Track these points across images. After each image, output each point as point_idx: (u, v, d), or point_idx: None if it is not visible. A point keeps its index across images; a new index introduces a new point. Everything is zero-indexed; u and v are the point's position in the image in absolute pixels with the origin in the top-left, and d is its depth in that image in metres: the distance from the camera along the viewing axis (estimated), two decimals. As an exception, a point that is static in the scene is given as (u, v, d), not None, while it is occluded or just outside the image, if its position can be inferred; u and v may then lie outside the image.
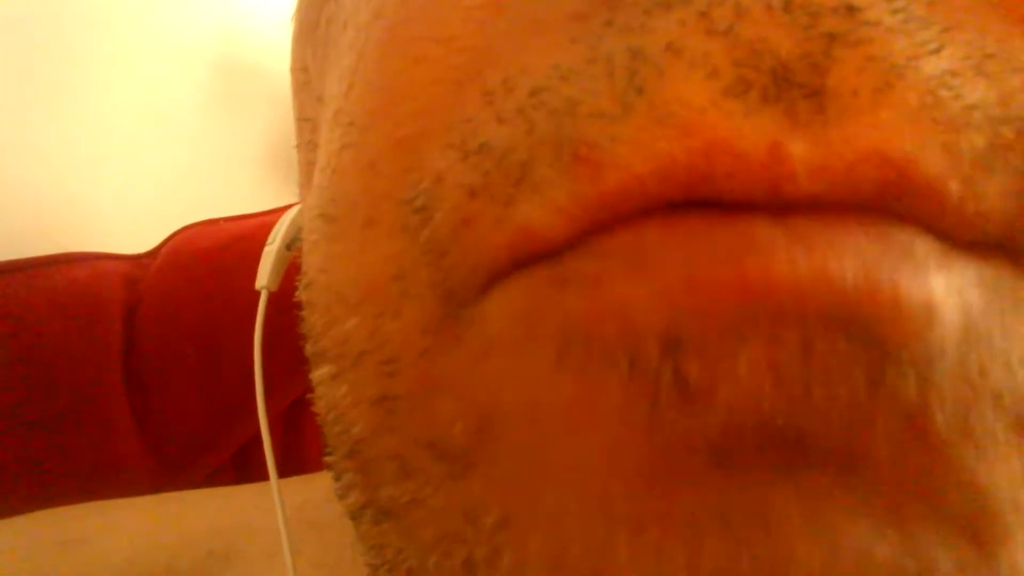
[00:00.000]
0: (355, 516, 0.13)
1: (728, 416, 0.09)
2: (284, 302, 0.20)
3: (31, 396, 0.33)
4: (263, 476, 0.23)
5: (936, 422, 0.09)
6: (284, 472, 0.26)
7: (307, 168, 0.15)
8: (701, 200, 0.09)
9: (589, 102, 0.09)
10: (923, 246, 0.09)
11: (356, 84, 0.12)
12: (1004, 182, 0.09)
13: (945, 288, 0.09)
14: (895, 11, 0.09)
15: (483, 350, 0.10)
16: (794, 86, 0.09)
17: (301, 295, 0.14)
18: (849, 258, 0.09)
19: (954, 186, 0.09)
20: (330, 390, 0.12)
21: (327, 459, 0.13)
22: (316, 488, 0.26)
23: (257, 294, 0.24)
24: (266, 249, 0.23)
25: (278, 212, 0.39)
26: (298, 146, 0.17)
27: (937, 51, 0.09)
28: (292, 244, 0.23)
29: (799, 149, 0.09)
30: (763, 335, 0.09)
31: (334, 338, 0.12)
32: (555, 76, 0.10)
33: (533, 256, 0.10)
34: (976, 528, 0.09)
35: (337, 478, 0.13)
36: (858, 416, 0.09)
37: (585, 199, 0.09)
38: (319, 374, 0.13)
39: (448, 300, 0.10)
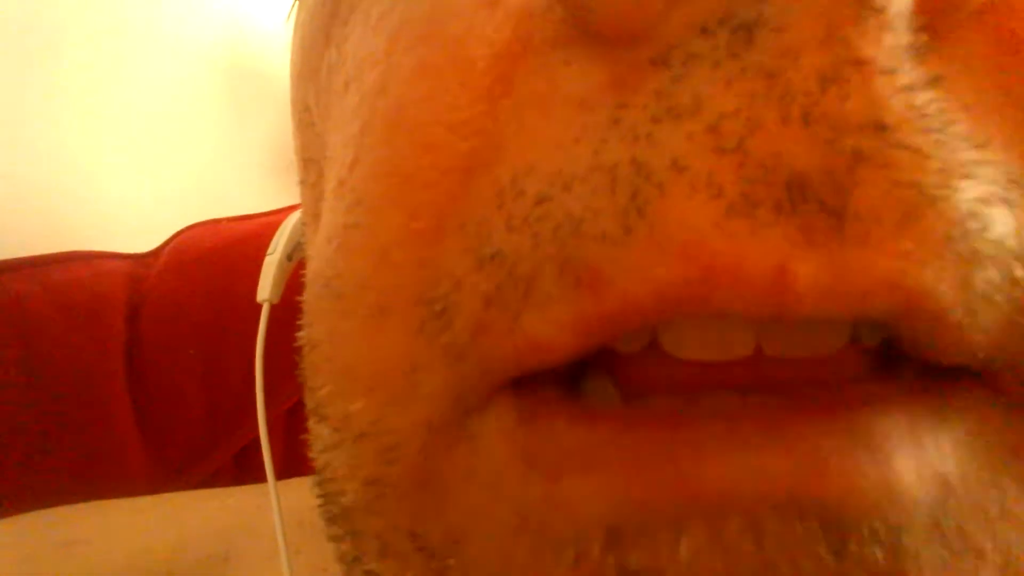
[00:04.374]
0: (346, 564, 0.13)
1: None
2: (287, 303, 0.20)
3: (32, 395, 0.33)
4: (263, 477, 0.23)
5: None
6: (286, 473, 0.26)
7: (311, 211, 0.15)
8: (700, 315, 0.09)
9: (591, 221, 0.09)
10: (885, 423, 0.09)
11: (362, 160, 0.12)
12: (1004, 313, 0.09)
13: (914, 465, 0.09)
14: (928, 130, 0.09)
15: (468, 473, 0.11)
16: (812, 200, 0.08)
17: (303, 345, 0.14)
18: (792, 451, 0.09)
19: (956, 315, 0.09)
20: (329, 454, 0.13)
21: (320, 502, 0.13)
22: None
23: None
24: (267, 260, 0.23)
25: (281, 213, 0.39)
26: (301, 183, 0.16)
27: (970, 176, 0.09)
28: (293, 254, 0.23)
29: (808, 271, 0.08)
30: (702, 524, 0.09)
31: (338, 411, 0.12)
32: (559, 184, 0.09)
33: (534, 365, 0.10)
34: None
35: (329, 523, 0.13)
36: None
37: (587, 318, 0.09)
38: (320, 433, 0.13)
39: (458, 403, 0.11)
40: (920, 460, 0.09)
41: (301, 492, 0.26)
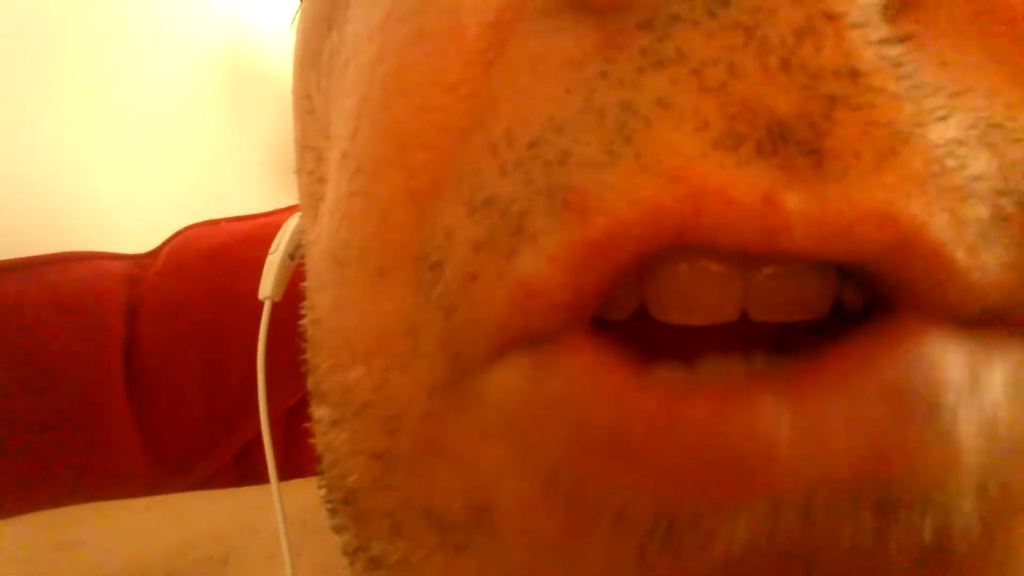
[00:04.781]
0: (349, 555, 0.13)
1: (725, 568, 0.09)
2: (288, 303, 0.20)
3: (31, 396, 0.33)
4: (263, 478, 0.23)
5: (957, 550, 0.09)
6: (285, 475, 0.26)
7: (310, 198, 0.15)
8: (691, 246, 0.09)
9: (579, 152, 0.09)
10: (945, 367, 0.09)
11: (362, 128, 0.12)
12: (1004, 253, 0.09)
13: (977, 420, 0.09)
14: (901, 77, 0.09)
15: (482, 433, 0.10)
16: (791, 143, 0.09)
17: (306, 329, 0.14)
18: (861, 425, 0.09)
19: (960, 255, 0.09)
20: (329, 434, 0.12)
21: (322, 494, 0.13)
22: (316, 491, 0.26)
23: (259, 296, 0.24)
24: (269, 258, 0.23)
25: (280, 213, 0.39)
26: (299, 171, 0.16)
27: (944, 119, 0.09)
28: (295, 253, 0.23)
29: (795, 201, 0.09)
30: (759, 509, 0.09)
31: (338, 384, 0.12)
32: (550, 127, 0.10)
33: (532, 322, 0.10)
34: None
35: (332, 514, 0.13)
36: (870, 564, 0.09)
37: (575, 246, 0.09)
38: (319, 415, 0.13)
39: (455, 363, 0.10)
40: (981, 407, 0.09)
41: (301, 493, 0.26)
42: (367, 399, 0.11)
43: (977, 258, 0.09)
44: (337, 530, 0.13)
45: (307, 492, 0.26)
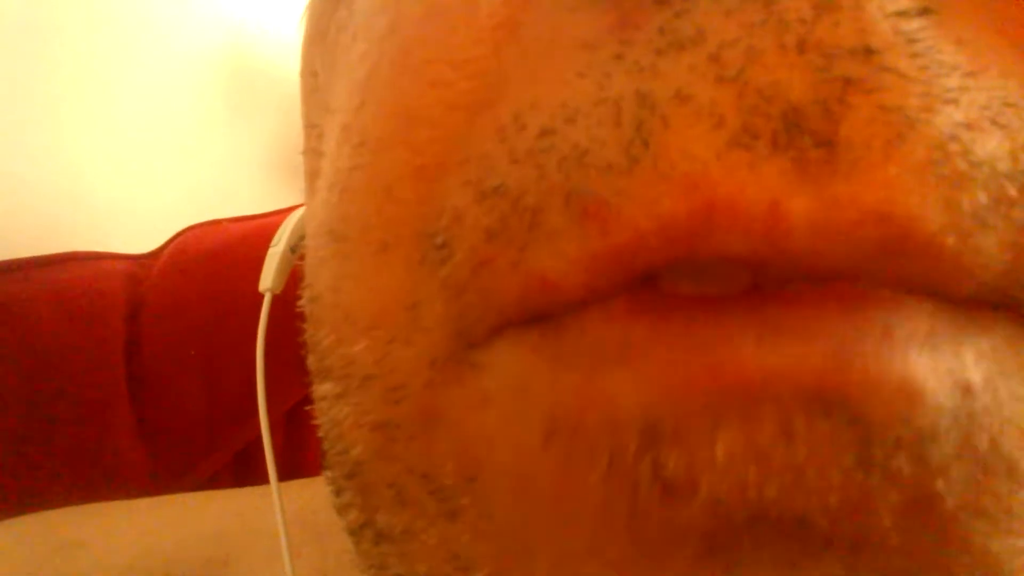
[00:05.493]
0: (355, 534, 0.13)
1: (714, 509, 0.09)
2: (287, 304, 0.20)
3: (32, 396, 0.33)
4: (263, 479, 0.23)
5: (943, 501, 0.09)
6: (284, 475, 0.26)
7: (312, 174, 0.15)
8: (703, 259, 0.09)
9: (596, 152, 0.09)
10: (906, 325, 0.09)
11: (368, 102, 0.12)
12: (1003, 235, 0.09)
13: (933, 367, 0.09)
14: (915, 55, 0.09)
15: (481, 400, 0.10)
16: (805, 133, 0.09)
17: (305, 307, 0.14)
18: (820, 342, 0.09)
19: (951, 241, 0.09)
20: (332, 409, 0.12)
21: (327, 474, 0.13)
22: (316, 493, 0.26)
23: (261, 296, 0.24)
24: (270, 251, 0.23)
25: (282, 213, 0.39)
26: (304, 151, 0.16)
27: (954, 101, 0.09)
28: (297, 247, 0.23)
29: (801, 206, 0.09)
30: (737, 418, 0.09)
31: (341, 358, 0.12)
32: (562, 116, 0.10)
33: (544, 305, 0.10)
34: None
35: (336, 494, 0.13)
36: (858, 498, 0.09)
37: (594, 252, 0.09)
38: (322, 390, 0.13)
39: (459, 337, 0.11)
40: (938, 364, 0.09)
41: (301, 494, 0.26)
42: (369, 372, 0.11)
43: (971, 241, 0.09)
44: (342, 510, 0.13)
45: (306, 493, 0.26)
